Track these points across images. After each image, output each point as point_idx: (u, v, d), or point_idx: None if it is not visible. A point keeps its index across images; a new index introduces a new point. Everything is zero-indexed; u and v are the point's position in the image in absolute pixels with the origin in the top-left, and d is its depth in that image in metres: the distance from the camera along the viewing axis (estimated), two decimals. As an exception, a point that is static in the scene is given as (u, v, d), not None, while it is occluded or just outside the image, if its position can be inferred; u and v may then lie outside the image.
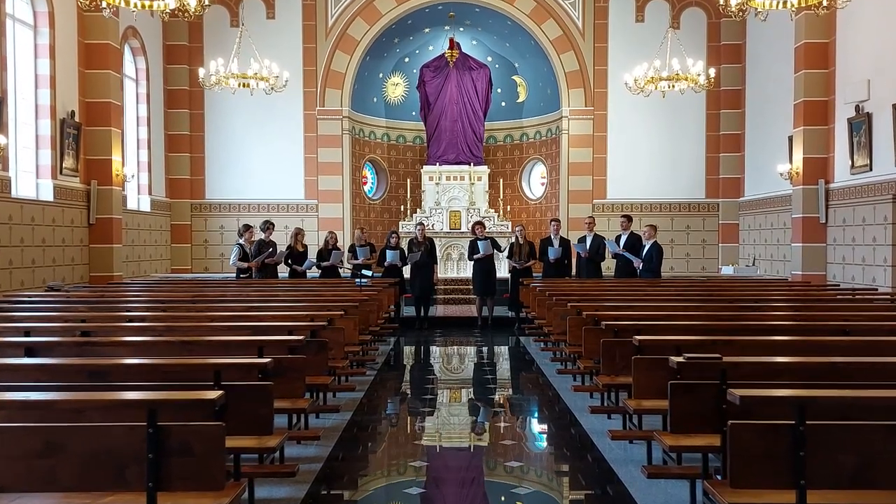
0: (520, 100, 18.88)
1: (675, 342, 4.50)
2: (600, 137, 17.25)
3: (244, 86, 11.69)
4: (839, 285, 11.49)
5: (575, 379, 8.01)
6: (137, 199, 15.68)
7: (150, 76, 15.94)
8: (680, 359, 3.70)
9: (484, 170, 17.93)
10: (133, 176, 14.46)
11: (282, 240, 14.00)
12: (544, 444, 6.23)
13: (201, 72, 11.54)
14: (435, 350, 11.65)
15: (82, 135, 12.84)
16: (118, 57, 13.59)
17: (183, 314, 6.58)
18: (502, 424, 6.63)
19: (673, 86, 11.60)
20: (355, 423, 6.46)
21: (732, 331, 5.50)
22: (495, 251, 13.27)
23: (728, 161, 17.10)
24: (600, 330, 6.01)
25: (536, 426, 6.81)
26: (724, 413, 3.59)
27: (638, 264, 12.10)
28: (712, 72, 11.73)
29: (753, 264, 16.11)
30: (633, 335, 5.29)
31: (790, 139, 14.10)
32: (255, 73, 11.32)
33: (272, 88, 11.76)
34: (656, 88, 11.70)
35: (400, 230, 16.53)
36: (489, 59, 18.60)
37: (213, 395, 2.85)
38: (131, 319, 6.34)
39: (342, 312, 6.37)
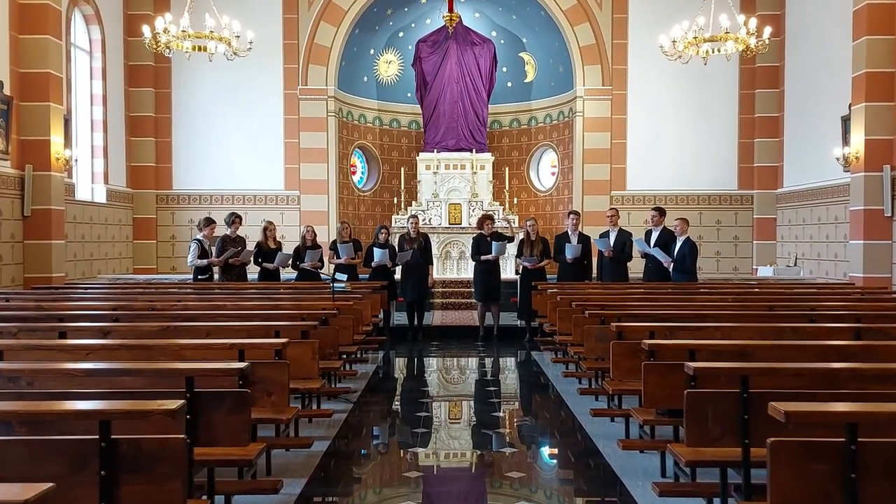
0: (528, 79, 16.85)
1: (848, 416, 2.51)
2: (619, 120, 15.25)
3: (201, 49, 9.65)
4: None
5: (613, 420, 6.03)
6: (91, 188, 13.69)
7: (108, 49, 13.93)
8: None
9: (487, 157, 15.92)
10: (76, 160, 12.44)
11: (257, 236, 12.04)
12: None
13: (145, 31, 9.49)
14: (429, 369, 9.67)
15: (14, 111, 10.84)
16: (59, 20, 11.55)
17: (55, 342, 4.59)
18: (523, 496, 4.64)
19: (718, 49, 9.55)
20: (305, 501, 4.47)
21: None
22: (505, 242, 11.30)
23: (764, 147, 15.09)
24: (669, 369, 4.05)
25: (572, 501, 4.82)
26: None
27: (668, 264, 10.12)
28: (767, 31, 9.67)
29: (795, 264, 14.12)
30: (739, 386, 3.32)
31: (844, 119, 12.13)
32: (211, 32, 9.24)
33: (234, 53, 9.72)
34: (697, 53, 9.66)
35: (393, 225, 14.60)
36: (493, 33, 16.58)
37: None
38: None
39: (285, 341, 4.37)
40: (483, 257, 10.93)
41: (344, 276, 8.22)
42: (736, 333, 5.35)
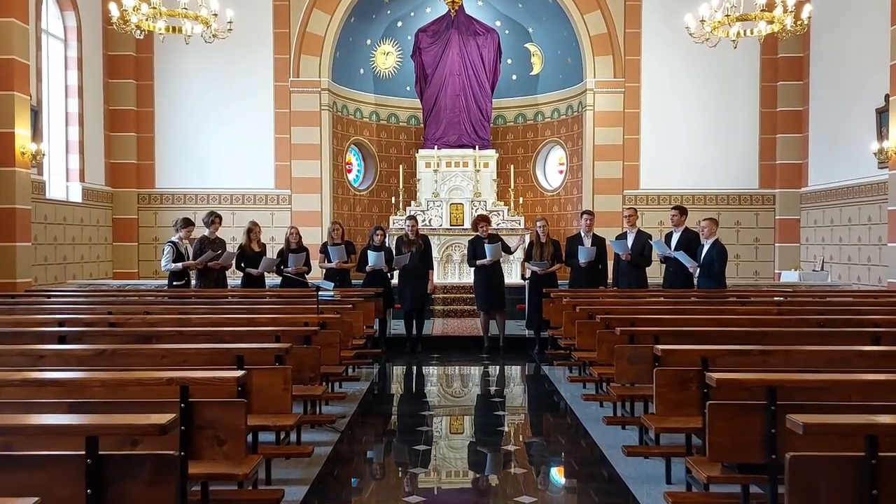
0: (534, 72, 15.88)
1: None
2: (632, 115, 14.28)
3: (175, 30, 8.69)
4: None
5: (647, 458, 5.06)
6: (66, 186, 12.74)
7: (84, 37, 12.98)
8: None
9: (491, 154, 14.95)
10: (46, 155, 11.47)
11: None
12: None
13: (112, 9, 8.52)
14: (429, 385, 8.71)
15: (-26, 100, 9.91)
16: (24, 1, 10.59)
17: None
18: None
19: (751, 31, 8.60)
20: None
21: None
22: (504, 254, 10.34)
23: (787, 143, 14.12)
24: (741, 411, 3.09)
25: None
26: None
27: (693, 268, 9.14)
28: (807, 10, 8.73)
29: (822, 269, 13.16)
30: (863, 448, 2.36)
31: (879, 112, 11.20)
32: (185, 10, 8.28)
33: (214, 35, 8.76)
34: (727, 35, 8.71)
35: (390, 226, 13.65)
36: (498, 23, 15.61)
37: None
38: None
39: (242, 373, 3.41)
40: (479, 262, 9.97)
41: (330, 284, 7.25)
42: (796, 359, 4.37)
